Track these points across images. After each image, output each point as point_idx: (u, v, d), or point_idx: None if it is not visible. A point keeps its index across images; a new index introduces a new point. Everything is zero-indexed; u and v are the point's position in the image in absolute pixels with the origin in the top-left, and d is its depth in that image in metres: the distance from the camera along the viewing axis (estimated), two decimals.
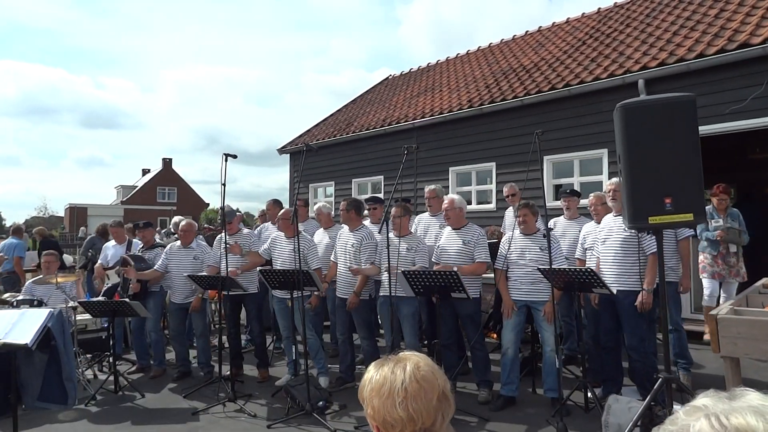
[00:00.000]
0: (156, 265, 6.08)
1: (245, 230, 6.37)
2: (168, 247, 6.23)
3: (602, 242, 4.81)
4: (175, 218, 7.70)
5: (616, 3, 11.69)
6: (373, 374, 1.31)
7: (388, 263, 4.73)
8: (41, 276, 6.23)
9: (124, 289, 6.17)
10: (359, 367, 5.84)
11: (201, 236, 8.86)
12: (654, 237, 4.37)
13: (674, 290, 5.10)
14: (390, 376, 1.27)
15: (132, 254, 6.41)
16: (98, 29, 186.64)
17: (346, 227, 5.65)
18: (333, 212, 6.58)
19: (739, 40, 7.04)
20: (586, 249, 5.12)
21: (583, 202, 6.06)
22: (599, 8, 12.05)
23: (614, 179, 4.95)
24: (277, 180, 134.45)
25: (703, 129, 5.98)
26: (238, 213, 6.25)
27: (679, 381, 3.32)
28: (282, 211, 5.83)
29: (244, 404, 4.99)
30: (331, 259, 5.67)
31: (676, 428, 0.80)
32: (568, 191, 5.99)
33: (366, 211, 6.15)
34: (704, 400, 0.82)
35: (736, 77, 7.11)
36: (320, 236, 6.11)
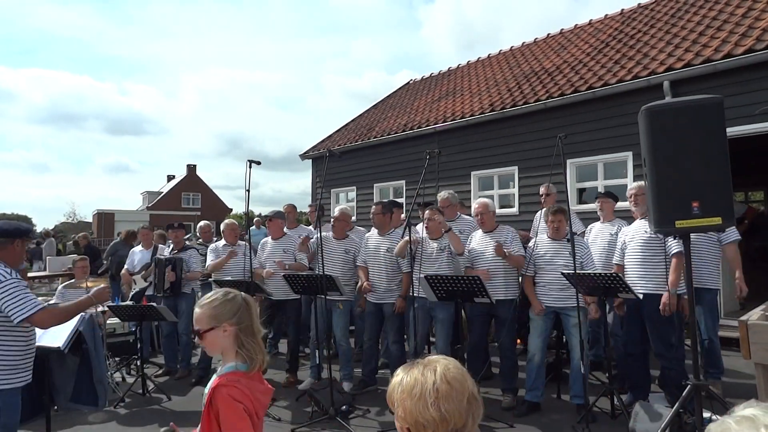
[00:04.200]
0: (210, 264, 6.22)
1: (289, 232, 6.43)
2: (212, 245, 6.40)
3: (627, 245, 4.75)
4: (201, 223, 7.82)
5: (639, 4, 11.55)
6: (403, 377, 1.33)
7: (411, 268, 4.74)
8: (73, 280, 6.39)
9: (159, 287, 6.26)
10: (382, 371, 5.86)
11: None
12: (676, 238, 4.30)
13: (712, 298, 4.96)
14: (420, 378, 1.29)
15: (170, 256, 6.50)
16: (123, 37, 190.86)
17: (374, 231, 5.68)
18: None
19: None
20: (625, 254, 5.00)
21: (620, 205, 5.96)
22: (622, 9, 11.90)
23: (635, 183, 4.87)
24: (298, 185, 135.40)
25: (731, 131, 5.87)
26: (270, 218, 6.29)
27: (709, 388, 3.25)
28: (338, 213, 5.87)
29: (269, 408, 5.04)
30: (359, 263, 5.69)
31: None
32: (603, 192, 5.89)
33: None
34: (750, 410, 0.82)
35: (764, 77, 6.96)
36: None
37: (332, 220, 5.93)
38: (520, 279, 5.08)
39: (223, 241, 6.37)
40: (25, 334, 2.98)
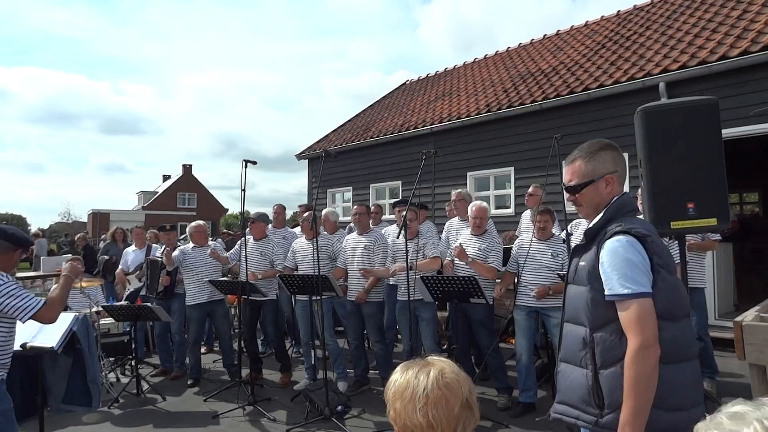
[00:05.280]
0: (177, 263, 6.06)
1: (272, 233, 6.41)
2: (182, 246, 6.28)
3: None
4: (192, 224, 7.80)
5: (635, 5, 11.58)
6: (397, 377, 1.30)
7: (406, 267, 4.74)
8: None
9: (151, 288, 6.24)
10: (375, 371, 5.85)
11: (220, 240, 9.00)
12: (672, 239, 4.31)
13: (701, 297, 4.99)
14: (413, 380, 1.26)
15: (155, 257, 6.50)
16: (119, 37, 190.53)
17: (353, 233, 5.70)
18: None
19: (763, 41, 6.92)
20: None
21: None
22: (618, 11, 11.94)
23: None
24: (294, 185, 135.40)
25: (727, 132, 5.88)
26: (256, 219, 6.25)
27: (704, 388, 3.26)
28: (324, 213, 5.86)
29: (264, 408, 5.02)
30: (338, 264, 5.67)
31: None
32: None
33: (394, 214, 6.19)
34: (739, 407, 0.84)
35: (759, 79, 6.99)
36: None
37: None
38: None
39: (191, 244, 6.19)
40: (6, 327, 2.98)
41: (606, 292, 1.81)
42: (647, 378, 1.70)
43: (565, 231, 4.73)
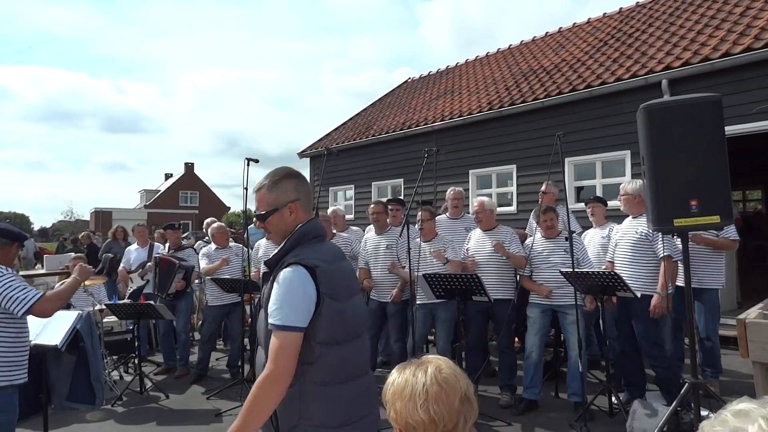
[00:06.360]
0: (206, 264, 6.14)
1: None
2: (204, 249, 6.33)
3: (616, 244, 4.78)
4: (208, 220, 7.81)
5: (638, 2, 11.55)
6: (395, 377, 1.33)
7: (409, 267, 4.74)
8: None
9: (162, 288, 6.22)
10: (381, 369, 5.85)
11: None
12: (665, 240, 4.32)
13: (712, 298, 4.95)
14: (411, 379, 1.28)
15: (172, 255, 6.49)
16: (119, 35, 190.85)
17: (371, 231, 5.67)
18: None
19: (766, 38, 6.90)
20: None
21: (614, 204, 5.96)
22: (621, 8, 11.90)
23: (623, 185, 4.88)
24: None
25: (729, 129, 5.87)
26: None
27: (707, 387, 3.26)
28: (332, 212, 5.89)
29: None
30: (360, 266, 5.65)
31: (729, 430, 0.82)
32: (592, 197, 5.89)
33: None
34: (744, 405, 0.84)
35: (762, 76, 6.96)
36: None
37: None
38: (517, 278, 5.07)
39: (214, 245, 6.29)
40: (18, 327, 3.00)
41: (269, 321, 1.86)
42: (264, 405, 1.79)
43: (568, 227, 4.72)
